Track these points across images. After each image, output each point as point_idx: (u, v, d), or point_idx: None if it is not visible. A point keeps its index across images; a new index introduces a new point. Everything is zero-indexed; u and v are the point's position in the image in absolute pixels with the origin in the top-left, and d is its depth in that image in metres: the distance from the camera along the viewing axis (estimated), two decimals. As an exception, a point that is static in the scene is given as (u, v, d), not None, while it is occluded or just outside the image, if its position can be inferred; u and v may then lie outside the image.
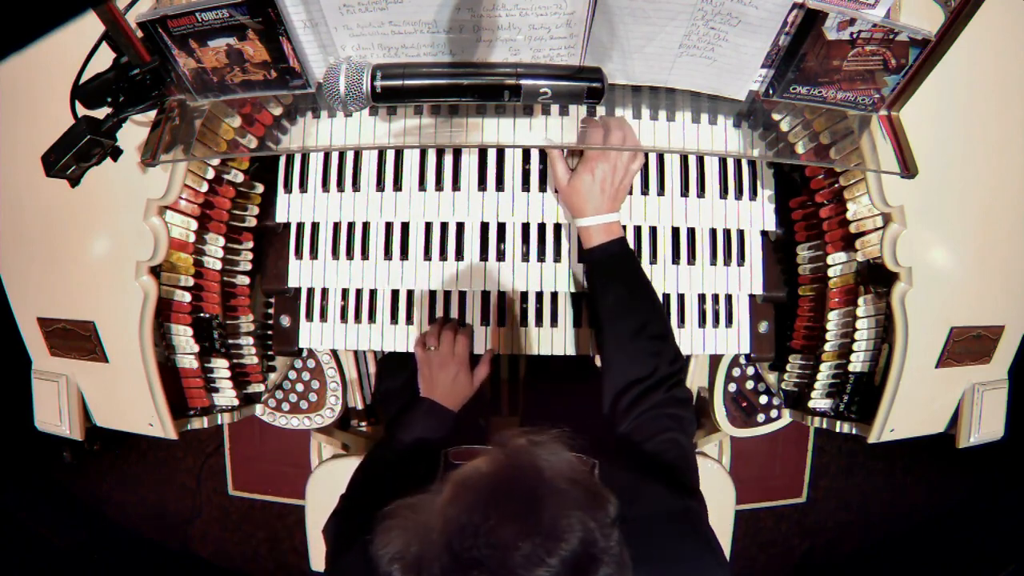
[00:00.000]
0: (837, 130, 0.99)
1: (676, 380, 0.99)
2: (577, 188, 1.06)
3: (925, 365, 1.08)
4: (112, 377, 1.10)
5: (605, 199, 1.06)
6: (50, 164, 0.79)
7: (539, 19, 0.81)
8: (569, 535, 0.54)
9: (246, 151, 1.06)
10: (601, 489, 0.61)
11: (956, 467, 2.29)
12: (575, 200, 1.08)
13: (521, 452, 0.61)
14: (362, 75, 0.80)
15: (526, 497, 0.56)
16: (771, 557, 2.42)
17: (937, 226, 1.04)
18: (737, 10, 0.81)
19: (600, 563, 0.55)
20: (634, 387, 0.96)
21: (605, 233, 1.06)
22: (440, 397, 1.14)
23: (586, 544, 0.55)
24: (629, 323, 1.01)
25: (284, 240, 1.23)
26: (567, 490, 0.58)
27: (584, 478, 0.62)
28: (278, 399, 1.30)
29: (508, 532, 0.54)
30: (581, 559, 0.54)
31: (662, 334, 1.02)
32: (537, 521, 0.55)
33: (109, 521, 2.48)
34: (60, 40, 1.00)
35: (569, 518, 0.55)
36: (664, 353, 1.00)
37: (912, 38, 0.82)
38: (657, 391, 0.96)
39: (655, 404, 0.95)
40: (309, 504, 1.42)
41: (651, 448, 0.91)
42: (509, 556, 0.53)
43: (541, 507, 0.56)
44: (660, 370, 0.97)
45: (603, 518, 0.58)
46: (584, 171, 1.06)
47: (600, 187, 1.06)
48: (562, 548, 0.54)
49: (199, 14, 0.79)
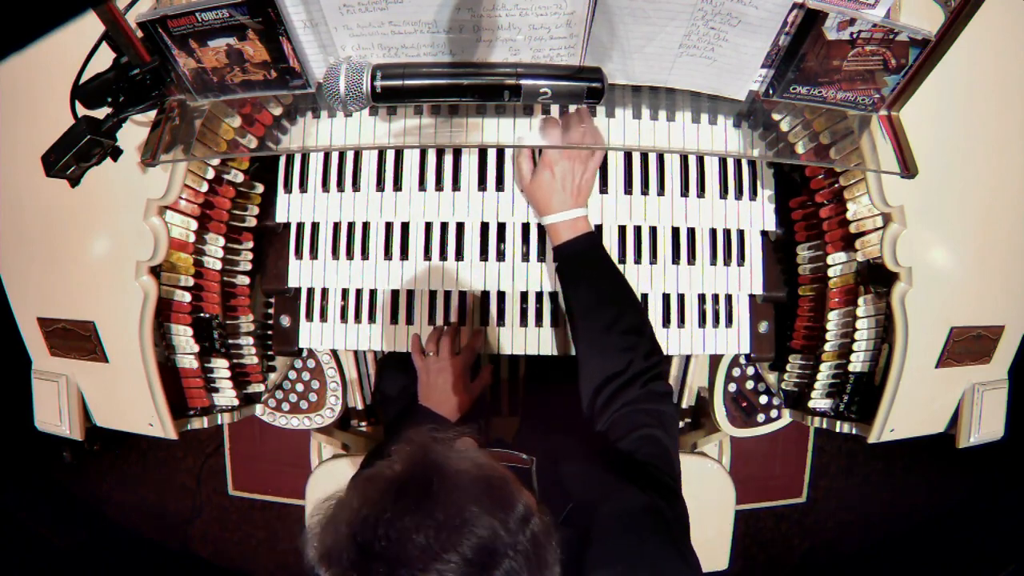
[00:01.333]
0: (837, 130, 0.99)
1: (653, 374, 0.97)
2: (539, 185, 1.08)
3: (925, 365, 1.08)
4: (112, 377, 1.10)
5: (568, 195, 1.07)
6: (50, 164, 0.79)
7: (539, 19, 0.81)
8: (466, 530, 0.55)
9: (246, 151, 1.06)
10: (509, 487, 0.62)
11: (956, 467, 2.29)
12: (538, 198, 1.09)
13: (424, 449, 0.63)
14: (362, 75, 0.80)
15: (423, 491, 0.58)
16: (771, 557, 2.42)
17: (937, 226, 1.04)
18: (737, 10, 0.81)
19: (503, 558, 0.56)
20: (610, 383, 0.95)
21: (572, 229, 1.07)
22: (436, 404, 1.14)
23: (486, 540, 0.56)
24: (601, 318, 1.00)
25: (284, 240, 1.23)
26: (467, 486, 0.59)
27: (492, 475, 0.62)
28: (278, 399, 1.30)
29: (405, 524, 0.55)
30: (481, 554, 0.55)
31: (636, 328, 1.01)
32: (430, 515, 0.56)
33: (109, 521, 2.48)
34: (60, 40, 1.00)
35: (467, 513, 0.56)
36: (639, 347, 0.98)
37: (912, 38, 0.82)
38: (632, 386, 0.95)
39: (631, 400, 0.94)
40: (309, 504, 1.42)
41: (625, 446, 0.90)
42: (405, 548, 0.54)
43: (437, 501, 0.57)
44: (635, 364, 0.96)
45: (508, 515, 0.58)
46: (543, 169, 1.07)
47: (561, 184, 1.07)
48: (460, 543, 0.54)
49: (199, 14, 0.79)
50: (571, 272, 1.07)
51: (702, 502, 1.34)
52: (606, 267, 1.07)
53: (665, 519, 0.78)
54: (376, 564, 0.54)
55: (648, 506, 0.78)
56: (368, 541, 0.55)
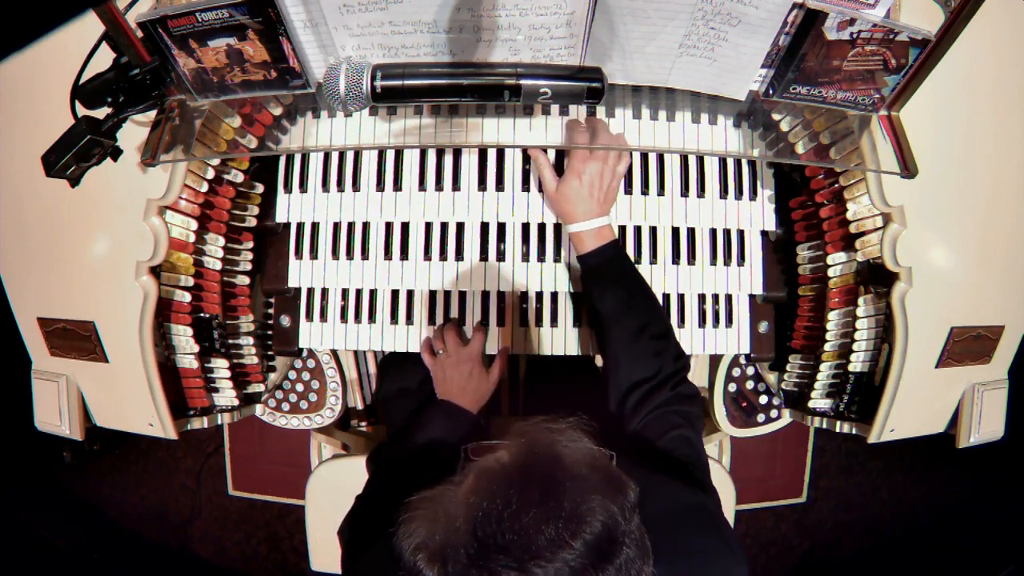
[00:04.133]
0: (837, 130, 0.99)
1: (680, 377, 1.00)
2: (566, 194, 1.07)
3: (925, 365, 1.08)
4: (112, 377, 1.10)
5: (594, 203, 1.07)
6: (50, 164, 0.79)
7: (539, 19, 0.81)
8: (591, 519, 0.55)
9: (246, 151, 1.06)
10: (620, 475, 0.62)
11: (956, 467, 2.29)
12: (564, 206, 1.08)
13: (540, 440, 0.62)
14: (362, 75, 0.80)
15: (547, 483, 0.57)
16: (771, 557, 2.42)
17: (937, 226, 1.04)
18: (737, 10, 0.81)
19: (622, 546, 0.56)
20: (640, 387, 0.97)
21: (597, 237, 1.07)
22: (456, 397, 1.12)
23: (608, 528, 0.56)
24: (630, 325, 1.01)
25: (284, 240, 1.23)
26: (587, 475, 0.59)
27: (603, 464, 0.63)
28: (278, 399, 1.30)
29: (531, 517, 0.54)
30: (604, 542, 0.55)
31: (663, 333, 1.03)
32: (558, 505, 0.55)
33: (109, 521, 2.48)
34: (60, 40, 1.00)
35: (590, 502, 0.56)
36: (666, 352, 1.01)
37: (912, 38, 0.82)
38: (663, 389, 0.97)
39: (663, 402, 0.96)
40: (309, 504, 1.42)
41: (663, 446, 0.92)
42: (533, 540, 0.54)
43: (562, 492, 0.56)
44: (665, 369, 0.98)
45: (624, 503, 0.58)
46: (572, 176, 1.06)
47: (589, 191, 1.06)
48: (585, 531, 0.54)
49: (199, 14, 0.79)
50: (599, 280, 1.07)
51: (702, 502, 1.33)
52: (632, 275, 1.08)
53: (708, 511, 0.81)
54: (500, 558, 0.54)
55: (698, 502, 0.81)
56: (490, 535, 0.54)
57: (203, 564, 2.45)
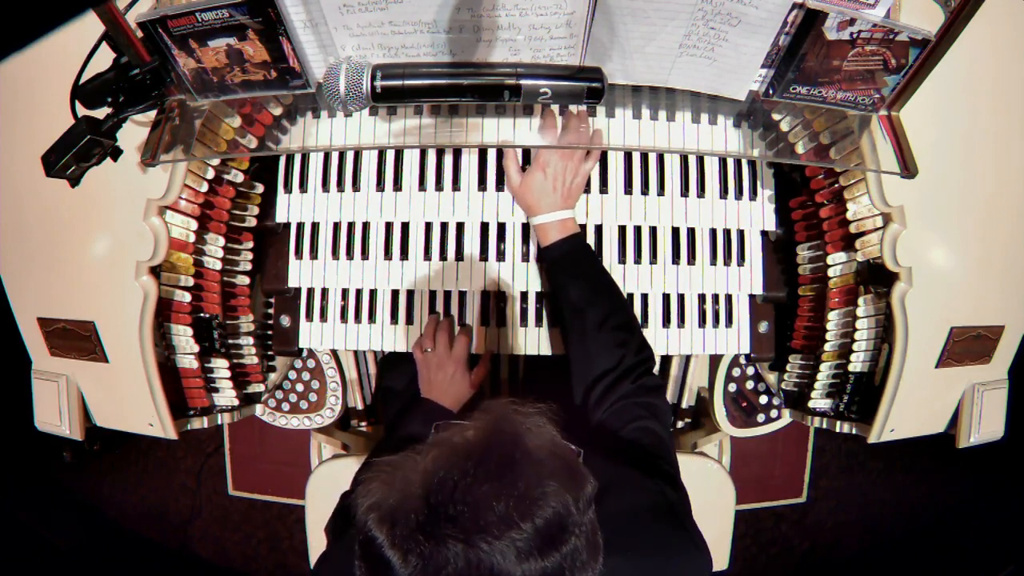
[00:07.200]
0: (837, 130, 0.99)
1: (644, 369, 1.00)
2: (529, 186, 1.09)
3: (925, 365, 1.08)
4: (112, 377, 1.10)
5: (558, 196, 1.09)
6: (50, 164, 0.79)
7: (539, 19, 0.81)
8: (543, 503, 0.55)
9: (246, 151, 1.06)
10: (581, 468, 0.62)
11: (956, 467, 2.28)
12: (528, 198, 1.10)
13: (506, 420, 0.62)
14: (362, 75, 0.80)
15: (505, 461, 0.57)
16: (771, 557, 2.41)
17: (937, 226, 1.04)
18: (737, 10, 0.81)
19: (572, 535, 0.56)
20: (603, 379, 0.98)
21: (561, 230, 1.08)
22: (438, 397, 1.15)
23: (560, 516, 0.56)
24: (592, 316, 1.02)
25: (284, 240, 1.23)
26: (546, 461, 0.59)
27: (565, 454, 0.63)
28: (278, 399, 1.30)
29: (484, 491, 0.55)
30: (553, 529, 0.55)
31: (625, 324, 1.04)
32: (513, 485, 0.55)
33: (109, 521, 2.48)
34: (60, 40, 1.00)
35: (545, 487, 0.56)
36: (629, 343, 1.01)
37: (912, 38, 0.82)
38: (625, 380, 0.97)
39: (625, 394, 0.96)
40: (309, 504, 1.42)
41: (625, 436, 0.92)
42: (483, 515, 0.54)
43: (519, 472, 0.56)
44: (627, 360, 0.99)
45: (579, 495, 0.58)
46: (536, 169, 1.08)
47: (552, 185, 1.08)
48: (536, 515, 0.54)
49: (199, 14, 0.79)
50: (560, 272, 1.09)
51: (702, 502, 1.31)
52: (594, 266, 1.09)
53: (671, 503, 0.81)
54: (448, 527, 0.54)
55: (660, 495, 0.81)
56: (442, 503, 0.54)
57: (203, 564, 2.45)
